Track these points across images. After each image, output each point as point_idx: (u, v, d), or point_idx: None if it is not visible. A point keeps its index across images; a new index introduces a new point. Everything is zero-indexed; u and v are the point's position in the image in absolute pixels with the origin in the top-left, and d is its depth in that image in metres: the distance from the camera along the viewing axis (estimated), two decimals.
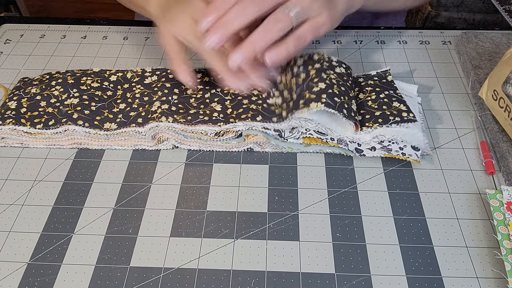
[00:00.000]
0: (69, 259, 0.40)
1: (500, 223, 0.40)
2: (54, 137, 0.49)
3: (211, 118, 0.47)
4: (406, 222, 0.42)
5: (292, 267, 0.40)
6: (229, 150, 0.49)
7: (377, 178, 0.46)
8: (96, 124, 0.48)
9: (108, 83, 0.53)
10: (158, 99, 0.49)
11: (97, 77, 0.54)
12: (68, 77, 0.53)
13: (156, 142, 0.49)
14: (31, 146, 0.49)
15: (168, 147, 0.49)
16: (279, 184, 0.46)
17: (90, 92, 0.51)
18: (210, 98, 0.50)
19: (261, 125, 0.46)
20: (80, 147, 0.49)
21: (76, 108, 0.49)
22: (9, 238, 0.42)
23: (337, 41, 0.62)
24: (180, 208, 0.44)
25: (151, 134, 0.48)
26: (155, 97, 0.50)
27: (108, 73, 0.54)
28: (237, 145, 0.49)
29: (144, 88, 0.52)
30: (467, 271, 0.39)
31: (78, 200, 0.45)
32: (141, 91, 0.51)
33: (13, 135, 0.49)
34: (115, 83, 0.53)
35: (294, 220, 0.43)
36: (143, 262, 0.40)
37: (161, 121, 0.46)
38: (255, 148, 0.49)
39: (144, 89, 0.52)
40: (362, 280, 0.39)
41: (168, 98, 0.49)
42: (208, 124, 0.47)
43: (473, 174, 0.46)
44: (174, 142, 0.48)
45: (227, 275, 0.39)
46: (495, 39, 0.58)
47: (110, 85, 0.53)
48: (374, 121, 0.46)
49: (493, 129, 0.49)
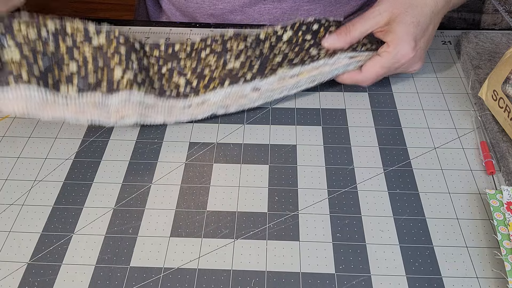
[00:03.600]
0: (69, 259, 0.40)
1: (500, 223, 0.40)
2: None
3: (179, 93, 0.47)
4: (406, 222, 0.42)
5: (292, 267, 0.40)
6: (195, 117, 0.49)
7: (377, 178, 0.46)
8: (51, 86, 0.42)
9: (47, 34, 0.45)
10: (117, 65, 0.45)
11: (31, 21, 0.45)
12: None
13: (119, 118, 0.45)
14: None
15: (129, 124, 0.46)
16: (279, 184, 0.46)
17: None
18: (169, 73, 0.50)
19: (232, 89, 0.47)
20: (23, 117, 0.43)
21: (22, 65, 0.42)
22: (9, 238, 0.42)
23: None
24: (180, 208, 0.44)
25: (117, 109, 0.44)
26: (113, 63, 0.45)
27: (42, 20, 0.46)
28: (204, 111, 0.49)
29: (94, 50, 0.46)
30: (467, 271, 0.39)
31: (78, 200, 0.45)
32: (92, 54, 0.46)
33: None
34: (55, 36, 0.45)
35: (294, 220, 0.43)
36: (143, 262, 0.40)
37: (133, 91, 0.43)
38: (219, 112, 0.49)
39: (94, 52, 0.46)
40: (362, 280, 0.39)
41: (129, 65, 0.45)
42: (179, 98, 0.47)
43: (473, 174, 0.46)
44: (137, 118, 0.45)
45: (227, 275, 0.39)
46: (495, 39, 0.58)
47: (50, 36, 0.45)
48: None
49: (493, 129, 0.49)
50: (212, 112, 0.49)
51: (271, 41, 0.53)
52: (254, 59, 0.50)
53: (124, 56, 0.46)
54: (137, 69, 0.47)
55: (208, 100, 0.48)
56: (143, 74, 0.47)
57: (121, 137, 0.50)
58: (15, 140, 0.50)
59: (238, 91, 0.48)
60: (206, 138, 0.50)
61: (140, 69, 0.47)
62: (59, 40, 0.46)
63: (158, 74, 0.49)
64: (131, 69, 0.46)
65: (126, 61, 0.46)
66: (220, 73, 0.49)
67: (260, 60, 0.50)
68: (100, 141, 0.50)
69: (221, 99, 0.48)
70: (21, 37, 0.44)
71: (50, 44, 0.45)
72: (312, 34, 0.53)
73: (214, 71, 0.49)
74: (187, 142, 0.50)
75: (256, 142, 0.50)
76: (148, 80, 0.48)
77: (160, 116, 0.48)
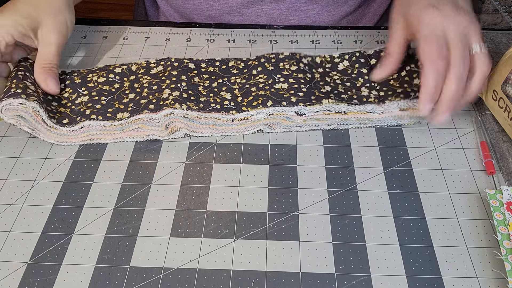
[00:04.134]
0: (69, 259, 0.40)
1: (500, 223, 0.40)
2: (69, 134, 0.49)
3: (223, 106, 0.49)
4: (406, 222, 0.42)
5: (292, 267, 0.40)
6: (241, 133, 0.50)
7: (377, 178, 0.46)
8: (109, 116, 0.49)
9: (114, 75, 0.54)
10: (167, 86, 0.50)
11: (102, 71, 0.54)
12: (75, 77, 0.53)
13: (169, 132, 0.49)
14: (40, 137, 0.49)
15: (180, 136, 0.49)
16: (279, 184, 0.46)
17: (98, 88, 0.52)
18: (218, 87, 0.51)
19: (275, 110, 0.48)
20: (91, 143, 0.49)
21: (88, 104, 0.50)
22: (9, 238, 0.42)
23: (337, 41, 0.62)
24: (180, 208, 0.44)
25: (165, 122, 0.48)
26: (164, 85, 0.51)
27: (112, 67, 0.55)
28: (249, 127, 0.49)
29: (151, 78, 0.53)
30: (467, 271, 0.39)
31: (78, 200, 0.45)
32: (149, 81, 0.52)
33: (31, 117, 0.47)
34: (121, 75, 0.54)
35: (294, 220, 0.43)
36: (143, 262, 0.40)
37: (176, 108, 0.47)
38: (265, 130, 0.50)
39: (151, 79, 0.52)
40: (362, 280, 0.39)
41: (177, 85, 0.50)
42: (221, 112, 0.48)
43: (473, 174, 0.46)
44: (186, 131, 0.49)
45: (227, 275, 0.39)
46: (495, 39, 0.58)
47: (116, 77, 0.53)
48: (396, 96, 0.50)
49: (493, 129, 0.49)
50: (257, 129, 0.50)
51: (326, 67, 0.54)
52: (303, 82, 0.50)
53: (175, 78, 0.51)
54: (185, 86, 0.50)
55: (251, 116, 0.49)
56: (191, 90, 0.50)
57: None
58: (15, 140, 0.50)
59: (281, 112, 0.48)
60: (206, 138, 0.50)
61: (187, 86, 0.50)
62: (124, 79, 0.53)
63: (208, 89, 0.51)
64: (178, 88, 0.50)
65: (176, 83, 0.51)
66: (266, 92, 0.50)
67: (309, 85, 0.50)
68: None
69: (263, 117, 0.49)
70: (92, 83, 0.53)
71: (115, 84, 0.53)
72: (368, 68, 0.53)
73: (261, 89, 0.50)
74: (187, 142, 0.50)
75: (256, 142, 0.50)
76: (196, 95, 0.50)
77: (206, 129, 0.49)
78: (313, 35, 0.63)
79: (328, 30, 0.64)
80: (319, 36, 0.63)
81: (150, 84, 0.51)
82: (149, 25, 0.65)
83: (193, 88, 0.50)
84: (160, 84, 0.51)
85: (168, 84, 0.50)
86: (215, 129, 0.49)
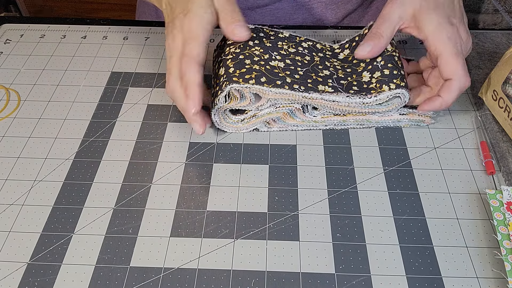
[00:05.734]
0: (69, 259, 0.40)
1: (500, 223, 0.40)
2: (276, 97, 0.47)
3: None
4: (406, 222, 0.42)
5: (292, 267, 0.40)
6: (239, 131, 0.51)
7: (377, 178, 0.46)
8: (310, 86, 0.47)
9: (303, 49, 0.52)
10: (369, 70, 0.49)
11: (290, 43, 0.52)
12: (264, 39, 0.51)
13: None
14: (266, 97, 0.47)
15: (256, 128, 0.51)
16: (279, 184, 0.46)
17: (291, 58, 0.50)
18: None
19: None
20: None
21: (286, 72, 0.48)
22: (9, 238, 0.42)
23: (337, 41, 0.62)
24: (180, 208, 0.44)
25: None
26: (359, 69, 0.50)
27: (298, 39, 0.53)
28: (244, 127, 0.50)
29: (341, 62, 0.52)
30: (467, 271, 0.39)
31: (78, 200, 0.45)
32: (340, 64, 0.51)
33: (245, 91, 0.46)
34: (309, 50, 0.52)
35: (294, 220, 0.43)
36: (143, 262, 0.40)
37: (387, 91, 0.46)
38: (261, 128, 0.50)
39: (342, 63, 0.52)
40: (362, 280, 0.39)
41: (377, 69, 0.49)
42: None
43: (473, 174, 0.46)
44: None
45: (227, 275, 0.39)
46: (495, 39, 0.58)
47: (305, 51, 0.52)
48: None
49: (493, 129, 0.49)
50: (254, 127, 0.50)
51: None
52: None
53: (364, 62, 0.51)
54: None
55: (259, 112, 0.48)
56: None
57: (121, 137, 0.50)
58: (15, 140, 0.50)
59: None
60: (206, 138, 0.50)
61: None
62: (313, 53, 0.52)
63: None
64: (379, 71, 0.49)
65: (375, 65, 0.50)
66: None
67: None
68: (100, 141, 0.50)
69: (270, 111, 0.48)
70: (284, 50, 0.51)
71: (306, 57, 0.51)
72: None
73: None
74: (187, 142, 0.50)
75: (256, 142, 0.50)
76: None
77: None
78: (313, 35, 0.63)
79: (328, 30, 0.64)
80: (319, 36, 0.63)
81: (343, 68, 0.51)
82: (149, 25, 0.65)
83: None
84: (354, 68, 0.50)
85: (363, 68, 0.50)
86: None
